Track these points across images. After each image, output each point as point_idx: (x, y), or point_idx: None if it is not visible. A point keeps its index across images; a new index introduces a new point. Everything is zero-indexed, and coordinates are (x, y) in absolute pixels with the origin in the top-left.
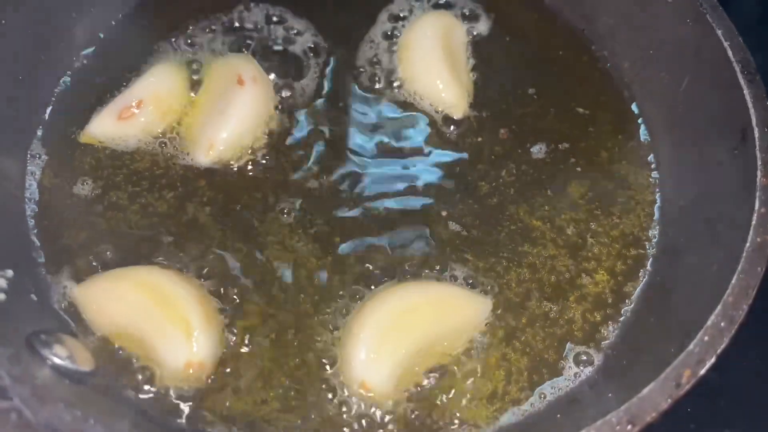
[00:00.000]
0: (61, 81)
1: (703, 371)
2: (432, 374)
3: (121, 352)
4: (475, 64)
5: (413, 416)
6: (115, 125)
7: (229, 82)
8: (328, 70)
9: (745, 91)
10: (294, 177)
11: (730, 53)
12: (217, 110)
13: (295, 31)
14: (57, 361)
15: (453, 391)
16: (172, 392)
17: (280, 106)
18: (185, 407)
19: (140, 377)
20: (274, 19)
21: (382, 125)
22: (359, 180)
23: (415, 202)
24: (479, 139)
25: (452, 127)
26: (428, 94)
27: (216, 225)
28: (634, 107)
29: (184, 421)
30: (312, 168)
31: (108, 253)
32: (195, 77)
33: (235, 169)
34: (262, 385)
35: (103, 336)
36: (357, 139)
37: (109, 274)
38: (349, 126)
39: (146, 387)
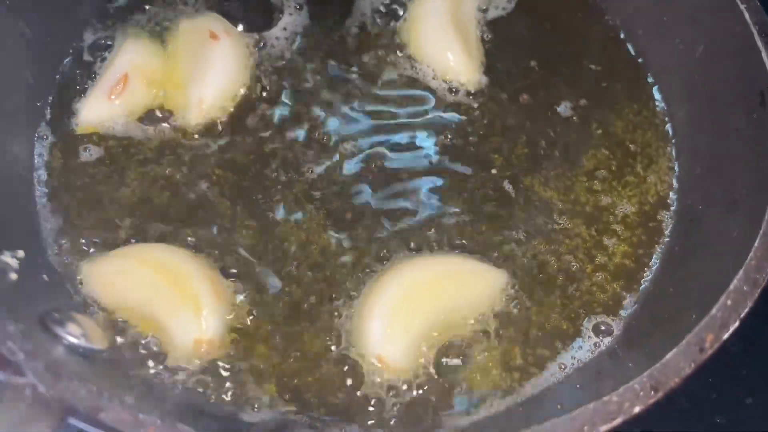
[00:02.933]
0: (65, 61)
1: (726, 336)
2: (448, 347)
3: (132, 329)
4: (485, 35)
5: (430, 389)
6: (108, 106)
7: (202, 39)
8: (317, 30)
9: (763, 54)
10: (293, 141)
11: (747, 16)
12: (197, 68)
13: None
14: (71, 339)
15: (470, 363)
16: (183, 369)
17: (264, 68)
18: (197, 384)
19: (152, 354)
20: None
21: (385, 95)
22: (363, 147)
23: (426, 175)
24: (492, 110)
25: (463, 98)
26: (438, 66)
27: (223, 199)
28: (649, 76)
29: (196, 397)
30: (314, 133)
31: (117, 231)
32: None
33: (236, 135)
34: (275, 361)
35: (114, 313)
36: (356, 102)
37: (118, 252)
38: (347, 88)
39: (159, 364)
